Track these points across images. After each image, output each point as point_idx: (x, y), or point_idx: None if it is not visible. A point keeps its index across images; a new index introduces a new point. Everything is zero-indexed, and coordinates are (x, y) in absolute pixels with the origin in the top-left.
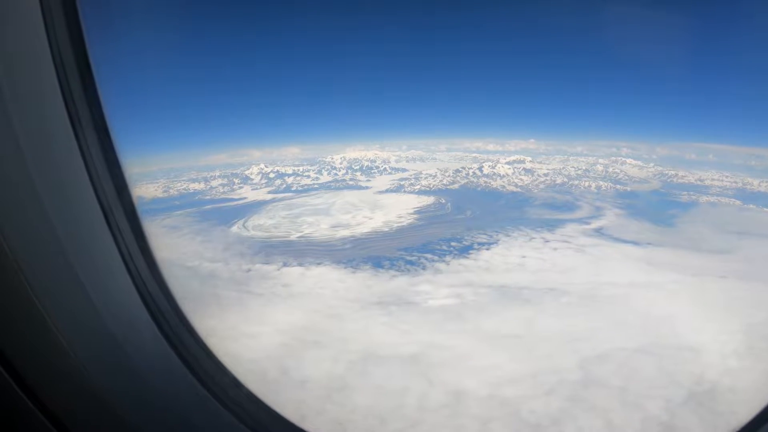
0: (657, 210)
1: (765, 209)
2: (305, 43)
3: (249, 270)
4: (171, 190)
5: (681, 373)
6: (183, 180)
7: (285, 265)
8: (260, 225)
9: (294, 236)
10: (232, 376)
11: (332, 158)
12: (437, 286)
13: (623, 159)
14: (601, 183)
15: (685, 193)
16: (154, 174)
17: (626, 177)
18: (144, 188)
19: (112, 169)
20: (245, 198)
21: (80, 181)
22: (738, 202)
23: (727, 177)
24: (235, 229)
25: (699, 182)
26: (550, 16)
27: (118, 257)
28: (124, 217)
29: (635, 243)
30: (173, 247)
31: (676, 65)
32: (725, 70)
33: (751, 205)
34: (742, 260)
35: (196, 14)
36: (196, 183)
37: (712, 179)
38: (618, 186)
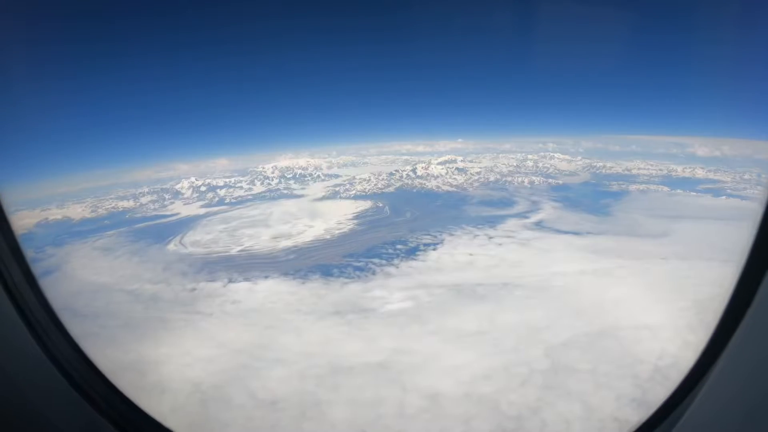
0: (591, 200)
1: (692, 193)
2: (226, 51)
3: (194, 289)
4: (99, 209)
5: (643, 351)
6: (111, 198)
7: (230, 281)
8: (197, 241)
9: (235, 250)
10: (104, 375)
11: (263, 168)
12: (391, 290)
13: (551, 154)
14: (533, 178)
15: (615, 182)
16: (79, 194)
17: (556, 171)
18: (71, 209)
19: None
20: (178, 214)
21: None
22: (666, 188)
23: (652, 165)
24: (171, 246)
25: (627, 172)
26: (469, 16)
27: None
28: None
29: (576, 233)
30: (109, 270)
31: (594, 59)
32: (642, 62)
33: (678, 190)
34: (679, 242)
35: (116, 24)
36: (125, 201)
37: (639, 168)
38: (550, 180)
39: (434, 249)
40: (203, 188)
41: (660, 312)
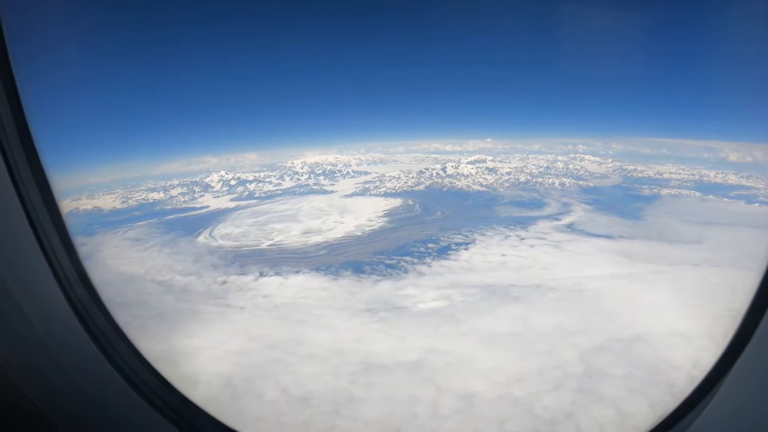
0: (622, 204)
1: (724, 199)
2: (257, 48)
3: (224, 282)
4: (130, 201)
5: (677, 358)
6: (141, 189)
7: (262, 275)
8: (228, 234)
9: (265, 244)
10: (158, 371)
11: (292, 163)
12: (423, 289)
13: (581, 155)
14: (564, 179)
15: (646, 186)
16: (110, 184)
17: (587, 173)
18: (101, 199)
19: (38, 179)
20: (208, 206)
21: (5, 191)
22: (698, 194)
23: (684, 170)
24: (202, 239)
25: (658, 176)
26: (504, 17)
27: (45, 263)
28: (51, 225)
29: (608, 236)
30: (140, 261)
31: (625, 61)
32: (673, 66)
33: (710, 196)
34: (712, 249)
35: (145, 20)
36: (155, 192)
37: (670, 172)
38: (581, 182)
39: (466, 249)
40: (233, 182)
41: (693, 319)
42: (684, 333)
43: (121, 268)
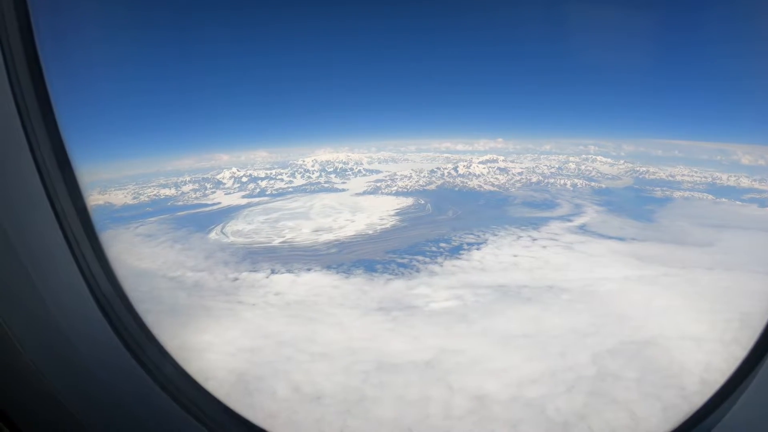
0: (634, 206)
1: (737, 202)
2: (268, 46)
3: (236, 279)
4: (141, 197)
5: (689, 362)
6: (152, 186)
7: (273, 272)
8: (239, 231)
9: (276, 242)
10: (184, 369)
11: (303, 161)
12: (435, 289)
13: (593, 156)
14: (575, 180)
15: (658, 188)
16: (121, 180)
17: (598, 174)
18: (113, 194)
19: (64, 173)
20: (219, 203)
21: (32, 186)
22: (710, 197)
23: (696, 172)
24: (213, 235)
25: (670, 178)
26: (513, 17)
27: (71, 258)
28: (77, 221)
29: (620, 238)
30: (152, 257)
31: (637, 62)
32: (686, 67)
33: (723, 199)
34: (725, 252)
35: (157, 18)
36: (167, 189)
37: (682, 174)
38: (592, 183)
39: (478, 249)
40: (244, 179)
41: (705, 323)
42: (697, 337)
43: (133, 262)
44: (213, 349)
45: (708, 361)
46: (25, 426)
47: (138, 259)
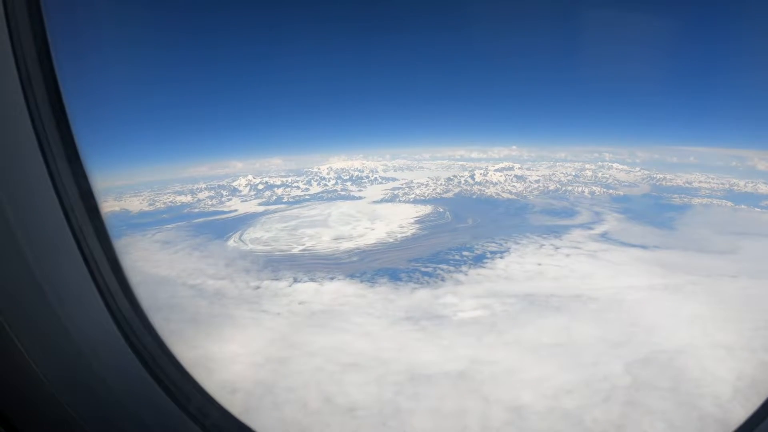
0: (654, 213)
1: (756, 209)
2: (283, 54)
3: (258, 287)
4: (157, 203)
5: (721, 370)
6: (168, 192)
7: (296, 280)
8: (257, 238)
9: (296, 249)
10: (203, 389)
11: (319, 168)
12: (462, 298)
13: (609, 164)
14: (593, 188)
15: (677, 195)
16: (136, 186)
17: (615, 181)
18: (128, 201)
19: (81, 187)
20: (236, 210)
21: (47, 199)
22: (729, 203)
23: (713, 179)
24: (231, 243)
25: (687, 185)
26: (526, 24)
27: (88, 276)
28: (94, 237)
29: (643, 246)
30: (170, 264)
31: (651, 68)
32: (700, 73)
33: (742, 206)
34: (748, 259)
35: (173, 26)
36: (183, 195)
37: (700, 181)
38: (610, 190)
39: (501, 257)
40: (260, 186)
41: (734, 331)
42: (726, 345)
43: (151, 270)
44: (239, 359)
45: (740, 368)
46: (26, 428)
47: (156, 266)
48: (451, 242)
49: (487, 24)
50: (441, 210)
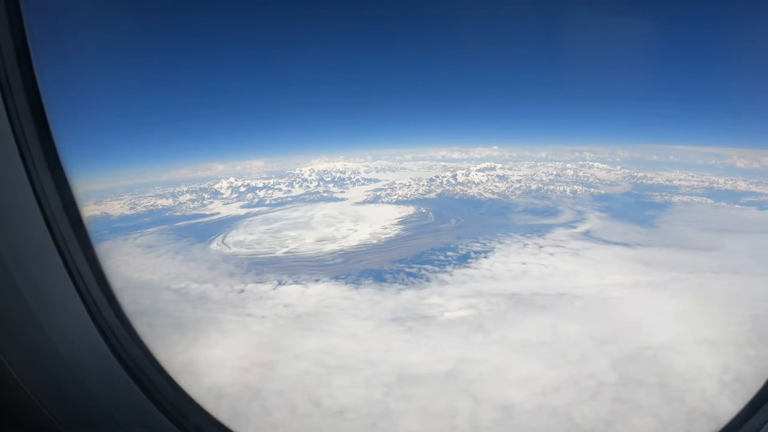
0: (635, 211)
1: (735, 206)
2: (263, 56)
3: (242, 290)
4: (138, 207)
5: (707, 365)
6: (149, 196)
7: (280, 283)
8: (241, 241)
9: (280, 252)
10: (188, 395)
11: (300, 170)
12: (448, 298)
13: (590, 163)
14: (575, 187)
15: (657, 193)
16: (117, 190)
17: (596, 180)
18: (109, 205)
19: (62, 193)
20: (218, 213)
21: (22, 194)
22: (709, 201)
23: (693, 177)
24: (215, 246)
25: (668, 182)
26: (508, 24)
27: (70, 282)
28: (75, 242)
29: (625, 244)
30: (153, 268)
31: (631, 68)
32: (679, 72)
33: (722, 203)
34: (730, 256)
35: (152, 28)
36: (164, 199)
37: (680, 179)
38: (591, 189)
39: (485, 257)
40: (242, 189)
41: (718, 326)
42: (711, 340)
43: (134, 274)
44: (226, 364)
45: (725, 363)
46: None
47: (139, 270)
48: (435, 243)
49: (468, 25)
50: (424, 210)
